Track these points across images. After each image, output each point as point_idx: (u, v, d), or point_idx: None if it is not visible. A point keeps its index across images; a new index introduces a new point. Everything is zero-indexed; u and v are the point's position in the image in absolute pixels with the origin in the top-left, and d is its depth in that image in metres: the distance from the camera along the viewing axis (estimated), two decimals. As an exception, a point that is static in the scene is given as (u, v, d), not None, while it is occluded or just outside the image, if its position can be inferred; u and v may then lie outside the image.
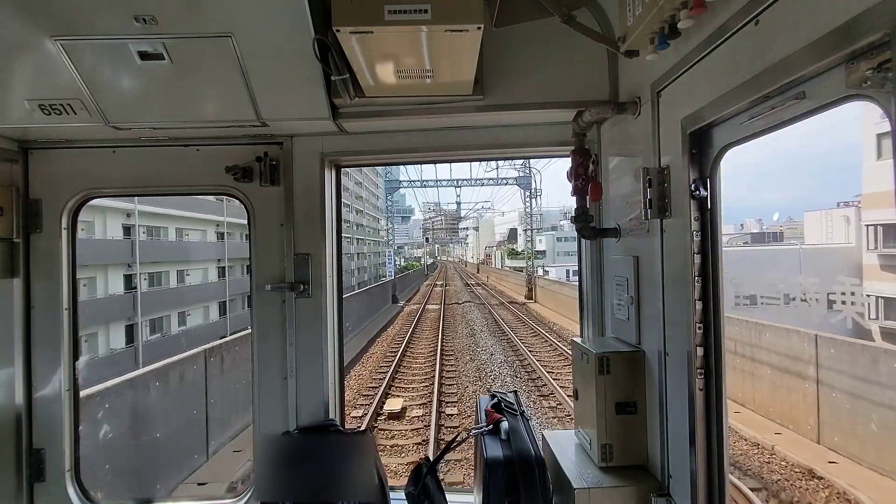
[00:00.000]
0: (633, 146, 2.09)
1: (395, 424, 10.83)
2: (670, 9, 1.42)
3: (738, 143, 1.51)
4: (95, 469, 6.81)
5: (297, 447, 2.39)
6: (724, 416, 1.61)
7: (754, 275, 19.08)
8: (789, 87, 1.23)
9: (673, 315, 1.78)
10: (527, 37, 2.21)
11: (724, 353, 1.61)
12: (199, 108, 2.21)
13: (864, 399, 8.52)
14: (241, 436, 10.07)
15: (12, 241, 2.44)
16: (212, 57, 1.95)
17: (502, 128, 2.50)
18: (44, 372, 2.48)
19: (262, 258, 2.52)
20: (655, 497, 1.84)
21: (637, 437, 1.99)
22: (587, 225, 2.32)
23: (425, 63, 1.90)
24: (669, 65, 1.70)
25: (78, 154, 2.50)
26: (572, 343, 2.25)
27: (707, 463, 1.63)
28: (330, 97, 2.16)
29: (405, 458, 9.16)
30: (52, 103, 2.09)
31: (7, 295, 2.44)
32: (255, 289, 2.51)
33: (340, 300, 2.67)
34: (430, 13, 1.62)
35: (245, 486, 3.14)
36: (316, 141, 2.50)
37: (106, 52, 1.93)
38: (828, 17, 1.06)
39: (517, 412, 2.24)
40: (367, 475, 2.26)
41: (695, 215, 1.63)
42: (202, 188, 2.69)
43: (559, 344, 17.83)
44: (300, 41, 1.87)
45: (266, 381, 2.50)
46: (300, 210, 2.49)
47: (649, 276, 1.96)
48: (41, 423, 2.48)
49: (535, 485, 1.91)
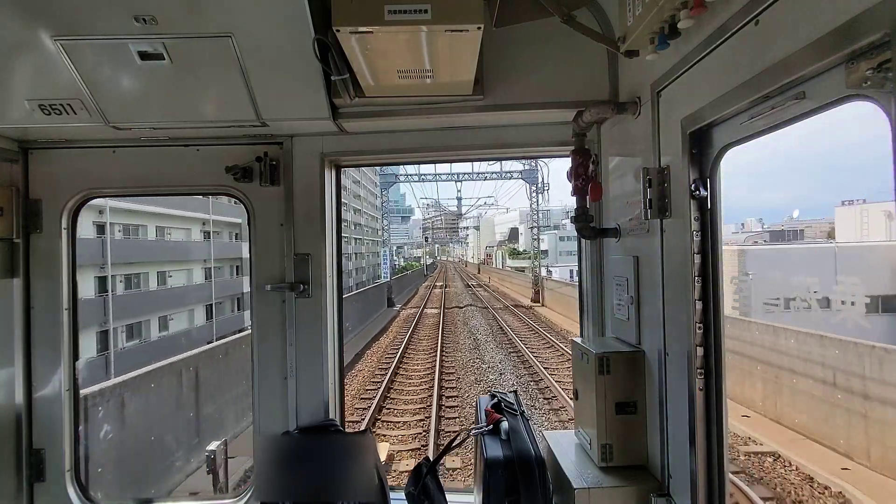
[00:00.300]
0: (633, 146, 2.09)
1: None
2: (670, 9, 1.42)
3: (738, 143, 1.51)
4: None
5: (297, 447, 2.39)
6: (724, 416, 1.61)
7: (785, 276, 18.06)
8: (789, 87, 1.23)
9: (673, 315, 1.78)
10: (527, 37, 2.21)
11: (724, 353, 1.61)
12: (199, 107, 2.21)
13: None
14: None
15: (12, 241, 2.44)
16: (212, 57, 1.95)
17: (502, 128, 2.50)
18: (44, 372, 2.48)
19: (262, 258, 2.52)
20: (655, 497, 1.84)
21: (637, 437, 1.99)
22: (587, 225, 2.32)
23: (425, 63, 1.90)
24: (669, 65, 1.70)
25: (78, 154, 2.50)
26: (572, 343, 2.25)
27: (707, 463, 1.63)
28: (330, 97, 2.16)
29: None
30: (52, 103, 2.09)
31: (7, 295, 2.44)
32: (255, 289, 2.51)
33: (340, 300, 2.67)
34: (430, 13, 1.62)
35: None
36: (316, 141, 2.50)
37: (106, 52, 1.93)
38: (828, 17, 1.06)
39: (517, 412, 2.24)
40: (367, 475, 2.27)
41: (695, 215, 1.63)
42: (202, 188, 2.69)
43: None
44: (300, 41, 1.87)
45: (266, 381, 2.50)
46: (300, 210, 2.49)
47: (649, 276, 1.96)
48: (41, 423, 2.48)
49: (535, 485, 1.91)
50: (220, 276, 32.22)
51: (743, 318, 15.30)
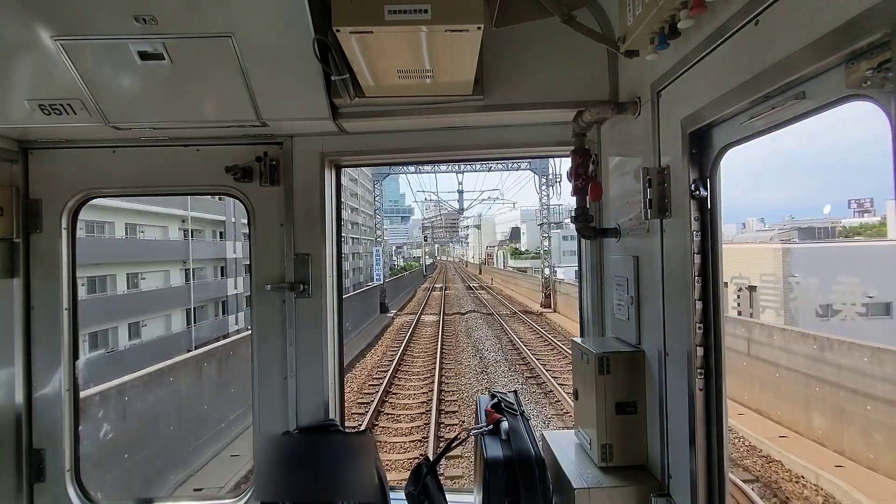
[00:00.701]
0: (633, 146, 2.09)
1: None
2: (670, 9, 1.42)
3: (738, 143, 1.52)
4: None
5: (297, 447, 2.39)
6: (724, 416, 1.61)
7: (829, 278, 15.75)
8: (789, 88, 1.23)
9: (673, 315, 1.78)
10: (527, 37, 2.21)
11: (723, 353, 1.61)
12: (199, 107, 2.21)
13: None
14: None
15: (12, 241, 2.44)
16: (212, 57, 1.95)
17: (502, 128, 2.50)
18: (44, 372, 2.48)
19: (262, 258, 2.52)
20: (655, 497, 1.84)
21: (637, 437, 1.99)
22: (587, 225, 2.33)
23: (425, 63, 1.90)
24: (669, 65, 1.70)
25: (78, 154, 2.50)
26: (572, 343, 2.25)
27: (707, 463, 1.63)
28: (330, 97, 2.16)
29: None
30: (52, 103, 2.09)
31: (7, 295, 2.44)
32: (255, 289, 2.51)
33: (340, 300, 2.67)
34: (430, 13, 1.62)
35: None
36: (316, 141, 2.50)
37: (106, 52, 1.93)
38: (828, 17, 1.06)
39: (517, 412, 2.24)
40: (367, 475, 2.26)
41: (695, 215, 1.63)
42: (202, 188, 2.69)
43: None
44: (300, 41, 1.87)
45: (266, 381, 2.50)
46: (300, 210, 2.49)
47: (649, 276, 1.96)
48: (41, 423, 2.48)
49: (535, 485, 1.91)
50: (202, 277, 30.26)
51: (789, 327, 12.84)
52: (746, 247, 24.68)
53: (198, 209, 30.24)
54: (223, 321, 31.63)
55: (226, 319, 31.88)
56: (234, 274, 33.21)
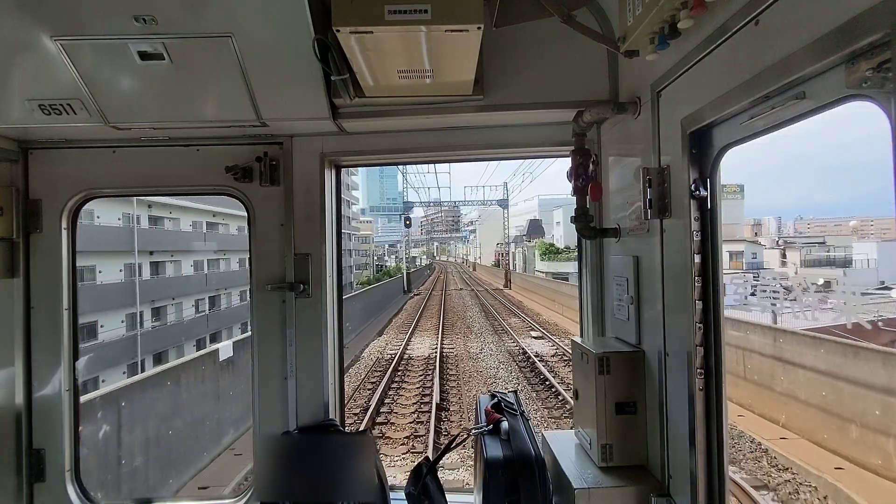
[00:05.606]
0: (633, 146, 2.09)
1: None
2: (670, 9, 1.42)
3: (738, 143, 1.52)
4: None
5: (297, 447, 2.39)
6: (724, 416, 1.61)
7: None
8: (789, 87, 1.23)
9: (673, 315, 1.78)
10: (527, 37, 2.21)
11: (723, 353, 1.61)
12: (199, 107, 2.21)
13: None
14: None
15: (12, 241, 2.44)
16: (212, 57, 1.95)
17: (502, 128, 2.50)
18: (44, 372, 2.48)
19: (263, 258, 2.52)
20: (655, 497, 1.84)
21: (637, 437, 1.99)
22: (587, 225, 2.32)
23: (425, 63, 1.90)
24: (669, 65, 1.70)
25: (78, 154, 2.50)
26: (572, 343, 2.25)
27: (707, 463, 1.63)
28: (330, 97, 2.16)
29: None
30: (52, 103, 2.09)
31: (7, 295, 2.44)
32: (255, 289, 2.51)
33: (340, 300, 2.67)
34: (430, 13, 1.62)
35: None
36: (316, 141, 2.50)
37: (106, 52, 1.93)
38: (828, 17, 1.06)
39: (517, 412, 2.24)
40: (367, 475, 2.26)
41: (695, 215, 1.63)
42: (202, 188, 2.69)
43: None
44: (300, 41, 1.87)
45: (266, 381, 2.50)
46: (300, 210, 2.49)
47: (649, 276, 1.96)
48: (41, 423, 2.48)
49: (535, 485, 1.91)
50: (163, 272, 27.83)
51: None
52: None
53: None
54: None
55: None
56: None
